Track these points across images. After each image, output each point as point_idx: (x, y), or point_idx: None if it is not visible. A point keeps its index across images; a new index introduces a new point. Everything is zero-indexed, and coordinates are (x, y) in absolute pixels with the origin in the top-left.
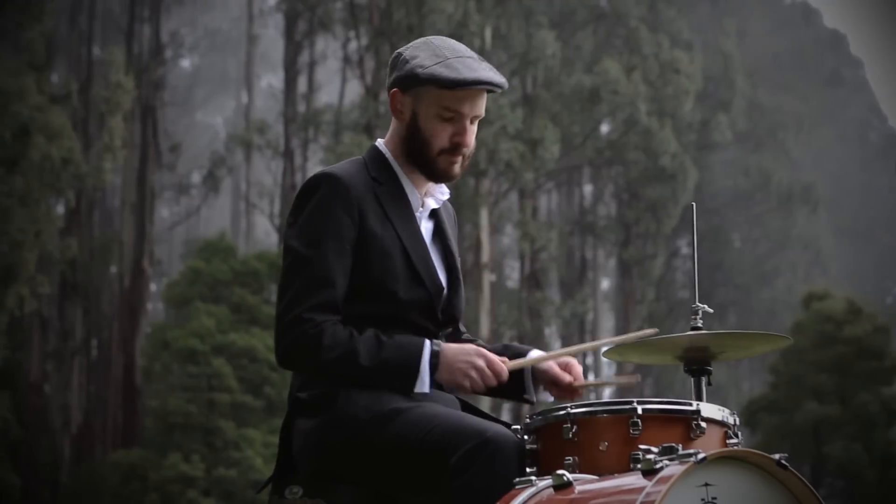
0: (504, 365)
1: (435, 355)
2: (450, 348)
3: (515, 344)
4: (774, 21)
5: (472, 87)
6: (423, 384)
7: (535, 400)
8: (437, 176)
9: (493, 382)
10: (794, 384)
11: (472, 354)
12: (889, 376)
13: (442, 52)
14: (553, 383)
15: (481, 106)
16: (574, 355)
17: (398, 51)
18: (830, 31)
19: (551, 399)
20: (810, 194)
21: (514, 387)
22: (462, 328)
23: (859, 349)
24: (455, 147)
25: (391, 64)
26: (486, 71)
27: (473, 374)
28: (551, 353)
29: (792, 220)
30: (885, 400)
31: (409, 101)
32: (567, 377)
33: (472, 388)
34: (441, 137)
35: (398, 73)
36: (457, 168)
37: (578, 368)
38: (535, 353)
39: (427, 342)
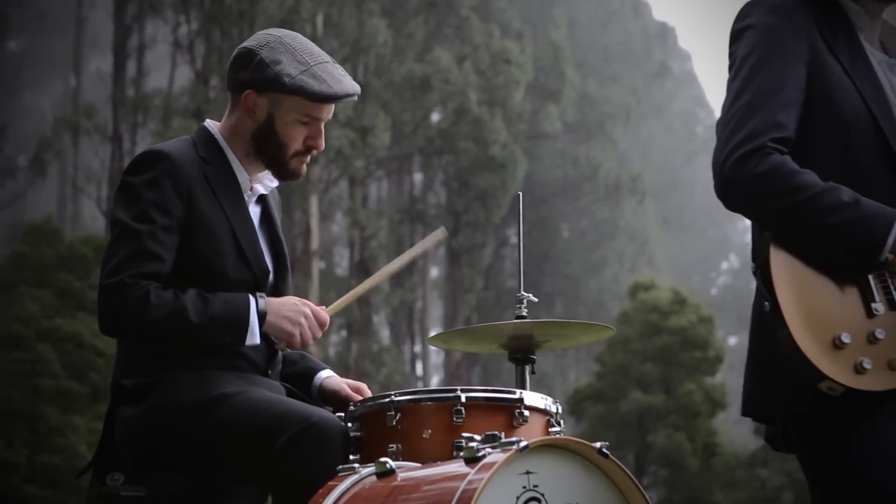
0: (326, 312)
1: (262, 307)
2: (275, 300)
3: (312, 357)
4: (604, 13)
5: (341, 100)
6: (254, 336)
7: None
8: (287, 176)
9: (319, 333)
10: (619, 373)
11: (298, 304)
12: (712, 366)
13: (303, 58)
14: (343, 404)
15: (333, 109)
16: (373, 286)
17: (248, 47)
18: (659, 24)
19: None
20: (637, 185)
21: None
22: None
23: (684, 339)
24: (308, 149)
25: (241, 61)
26: (348, 80)
27: (302, 320)
28: (354, 290)
29: (619, 211)
30: (708, 389)
31: (265, 104)
32: (358, 398)
33: (301, 337)
34: (297, 141)
35: (255, 75)
36: (305, 167)
37: (368, 392)
38: (326, 376)
39: (251, 296)
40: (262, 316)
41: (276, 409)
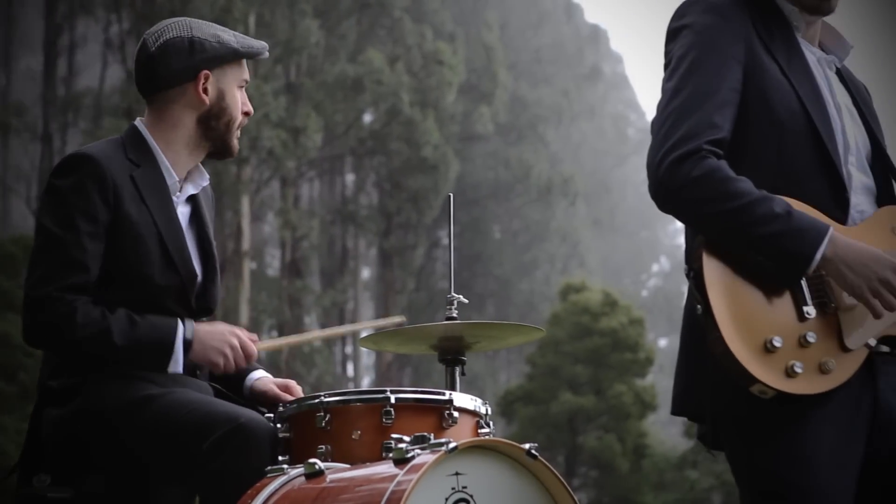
0: (255, 345)
1: (189, 335)
2: (203, 328)
3: None
4: (536, 15)
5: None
6: (177, 364)
7: None
8: (231, 152)
9: (243, 363)
10: (550, 375)
11: (226, 333)
12: (643, 368)
13: (223, 29)
14: (273, 404)
15: None
16: (323, 339)
17: (176, 36)
18: (591, 27)
19: None
20: (569, 187)
21: None
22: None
23: (614, 341)
24: (245, 115)
25: (175, 51)
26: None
27: (228, 351)
28: (290, 337)
29: (551, 213)
30: (638, 391)
31: (214, 81)
32: (288, 398)
33: (225, 366)
34: (239, 109)
35: (201, 55)
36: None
37: (298, 389)
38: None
39: (180, 322)
40: (187, 344)
41: (203, 410)
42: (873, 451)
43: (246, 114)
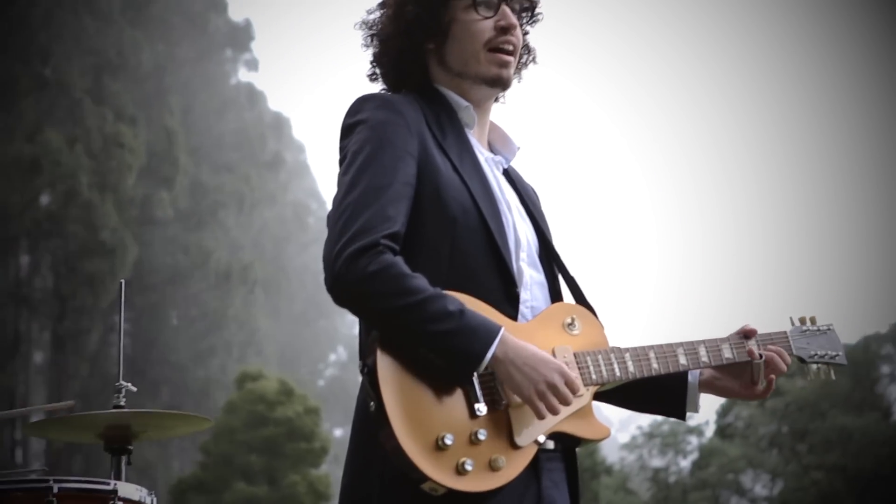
0: None
1: None
2: None
3: None
4: (220, 101)
5: None
6: None
7: None
8: None
9: None
10: (223, 464)
11: None
12: (317, 458)
13: None
14: None
15: None
16: None
17: None
18: (274, 114)
19: None
20: (248, 274)
21: None
22: None
23: (290, 430)
24: None
25: None
26: None
27: None
28: None
29: (230, 300)
30: (312, 481)
31: None
32: None
33: None
34: None
35: None
36: None
37: None
38: None
39: None
40: None
41: None
42: None
43: None
